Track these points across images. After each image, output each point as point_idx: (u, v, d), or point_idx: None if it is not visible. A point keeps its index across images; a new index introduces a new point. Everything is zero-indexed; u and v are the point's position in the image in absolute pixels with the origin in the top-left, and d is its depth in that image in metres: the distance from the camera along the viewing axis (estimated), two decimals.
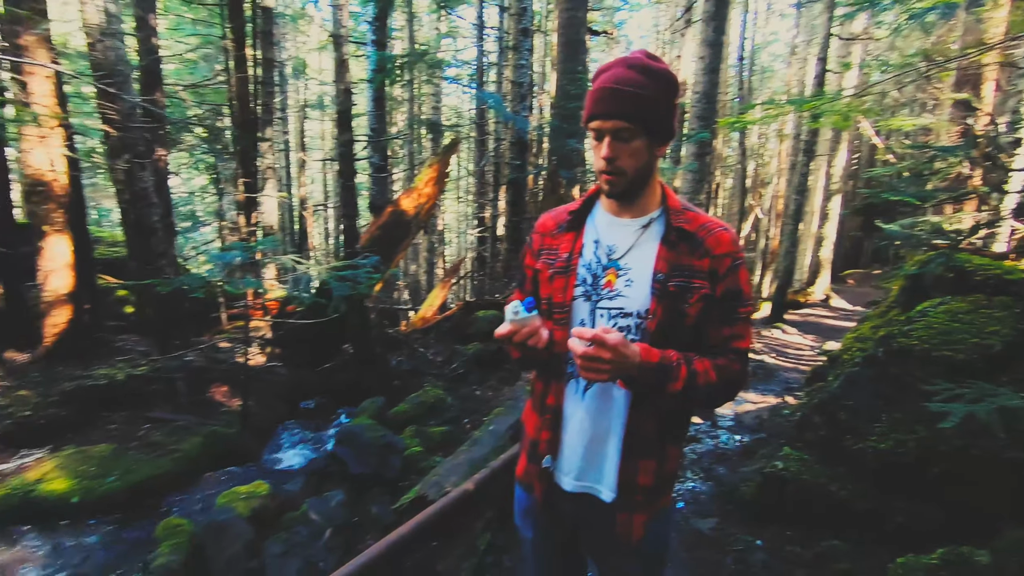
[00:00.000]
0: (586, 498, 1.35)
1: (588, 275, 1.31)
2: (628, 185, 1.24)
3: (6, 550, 3.14)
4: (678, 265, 1.22)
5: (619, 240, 1.30)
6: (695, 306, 1.22)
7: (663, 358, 1.17)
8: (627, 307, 1.26)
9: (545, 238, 1.43)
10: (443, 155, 6.81)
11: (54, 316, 4.64)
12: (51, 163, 4.41)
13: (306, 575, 2.83)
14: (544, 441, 1.38)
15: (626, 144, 1.19)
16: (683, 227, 1.24)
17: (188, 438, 4.13)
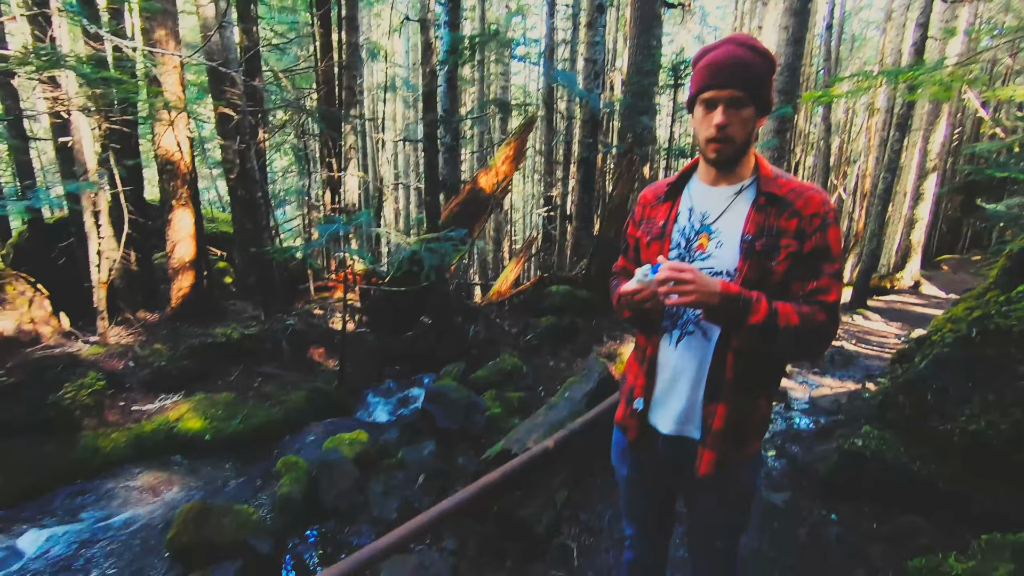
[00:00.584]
0: (678, 439, 1.48)
1: (682, 239, 1.45)
2: (734, 152, 1.34)
3: (158, 473, 3.71)
4: (766, 226, 1.32)
5: (712, 206, 1.42)
6: (782, 263, 1.31)
7: (743, 290, 1.26)
8: (717, 267, 1.38)
9: (646, 209, 1.58)
10: (520, 134, 6.98)
11: (179, 281, 5.26)
12: (178, 145, 4.96)
13: (405, 511, 3.18)
14: (639, 386, 1.55)
15: (738, 112, 1.29)
16: (773, 192, 1.33)
17: (294, 391, 4.63)
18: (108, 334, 5.06)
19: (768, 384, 1.47)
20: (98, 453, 3.71)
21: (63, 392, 3.86)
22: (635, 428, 1.56)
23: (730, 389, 1.39)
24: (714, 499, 1.52)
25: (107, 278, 5.02)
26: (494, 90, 18.54)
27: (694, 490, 1.55)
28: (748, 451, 1.46)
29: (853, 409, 4.84)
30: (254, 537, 2.84)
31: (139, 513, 3.32)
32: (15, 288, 5.13)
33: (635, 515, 1.79)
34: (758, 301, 1.25)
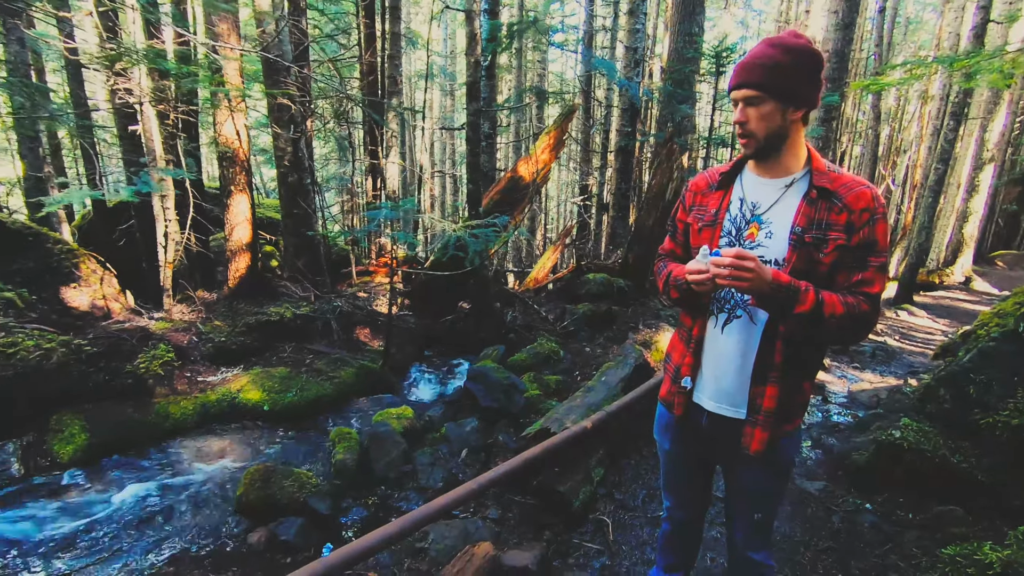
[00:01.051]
0: (722, 417, 1.59)
1: (733, 227, 1.53)
2: (760, 146, 1.42)
3: (223, 439, 4.02)
4: (816, 220, 1.39)
5: (763, 198, 1.49)
6: (830, 255, 1.38)
7: (793, 280, 1.35)
8: (766, 255, 1.45)
9: (697, 196, 1.66)
10: (561, 122, 7.05)
11: (236, 262, 5.58)
12: (237, 133, 5.25)
13: (449, 481, 3.38)
14: (687, 365, 1.65)
15: (755, 108, 1.37)
16: (824, 186, 1.39)
17: (343, 368, 4.89)
18: (172, 311, 5.43)
19: (813, 368, 1.56)
20: (169, 418, 4.04)
21: (138, 362, 4.20)
22: (682, 405, 1.66)
23: (779, 372, 1.47)
24: (759, 472, 1.61)
25: (172, 259, 5.37)
26: (531, 78, 18.53)
27: (737, 464, 1.65)
28: (790, 428, 1.56)
29: (893, 404, 4.81)
30: (313, 498, 3.09)
31: (208, 473, 3.62)
32: (87, 266, 5.53)
33: (674, 487, 1.91)
34: (806, 291, 1.33)
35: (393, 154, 10.04)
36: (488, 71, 8.06)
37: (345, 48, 11.48)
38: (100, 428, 3.73)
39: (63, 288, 5.14)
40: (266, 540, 2.86)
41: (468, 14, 5.46)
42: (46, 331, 4.06)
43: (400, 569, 2.67)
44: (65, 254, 5.30)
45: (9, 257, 4.87)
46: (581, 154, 13.57)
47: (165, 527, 3.11)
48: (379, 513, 3.23)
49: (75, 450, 3.56)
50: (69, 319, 4.88)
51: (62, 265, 5.22)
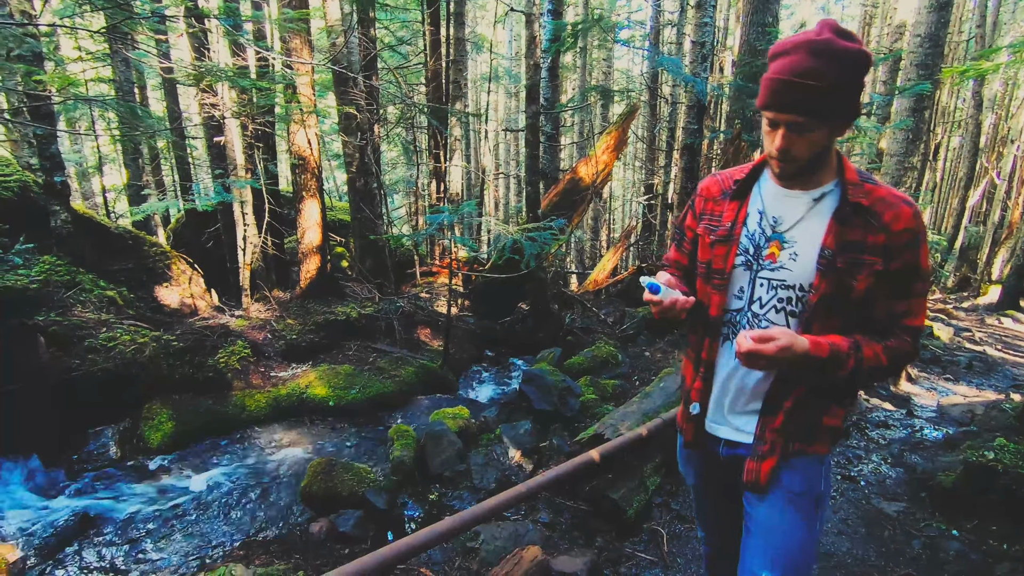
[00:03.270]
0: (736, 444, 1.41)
1: (750, 245, 1.32)
2: (800, 171, 1.23)
3: (292, 431, 4.27)
4: (850, 242, 1.19)
5: (786, 212, 1.28)
6: (864, 281, 1.19)
7: (832, 351, 1.18)
8: (789, 280, 1.26)
9: (708, 203, 1.44)
10: (621, 123, 6.93)
11: (307, 264, 5.90)
12: (308, 143, 5.55)
13: (502, 483, 3.41)
14: (695, 390, 1.46)
15: (801, 136, 1.15)
16: (860, 202, 1.19)
17: (404, 367, 5.06)
18: (250, 310, 5.82)
19: (841, 395, 1.35)
20: (245, 410, 4.34)
21: (219, 357, 4.54)
22: (691, 431, 1.50)
23: (794, 403, 1.31)
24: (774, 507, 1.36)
25: (250, 261, 5.76)
26: (596, 76, 18.33)
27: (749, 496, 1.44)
28: (810, 451, 1.34)
29: (988, 421, 4.39)
30: (372, 492, 3.21)
31: (278, 463, 3.86)
32: (178, 267, 6.03)
33: (704, 519, 1.77)
34: (846, 359, 1.19)
35: (456, 157, 10.25)
36: (551, 71, 8.06)
37: (411, 55, 11.86)
38: (185, 417, 4.06)
39: (157, 287, 5.63)
40: (327, 530, 3.01)
41: (528, 17, 5.49)
42: (141, 327, 4.46)
43: (451, 567, 2.73)
44: (159, 256, 5.81)
45: (112, 259, 5.40)
46: (646, 152, 13.27)
47: (237, 512, 3.35)
48: (433, 510, 3.31)
49: (163, 437, 3.89)
50: (161, 315, 5.35)
51: (157, 266, 5.73)
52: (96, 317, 4.35)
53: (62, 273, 4.48)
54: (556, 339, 5.85)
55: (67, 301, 4.33)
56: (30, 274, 4.16)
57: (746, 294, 1.33)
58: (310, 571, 2.64)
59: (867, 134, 8.36)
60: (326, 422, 4.43)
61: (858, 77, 1.13)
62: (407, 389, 4.87)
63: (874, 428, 4.59)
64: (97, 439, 3.90)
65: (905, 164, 8.01)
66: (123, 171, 10.21)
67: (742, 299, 1.34)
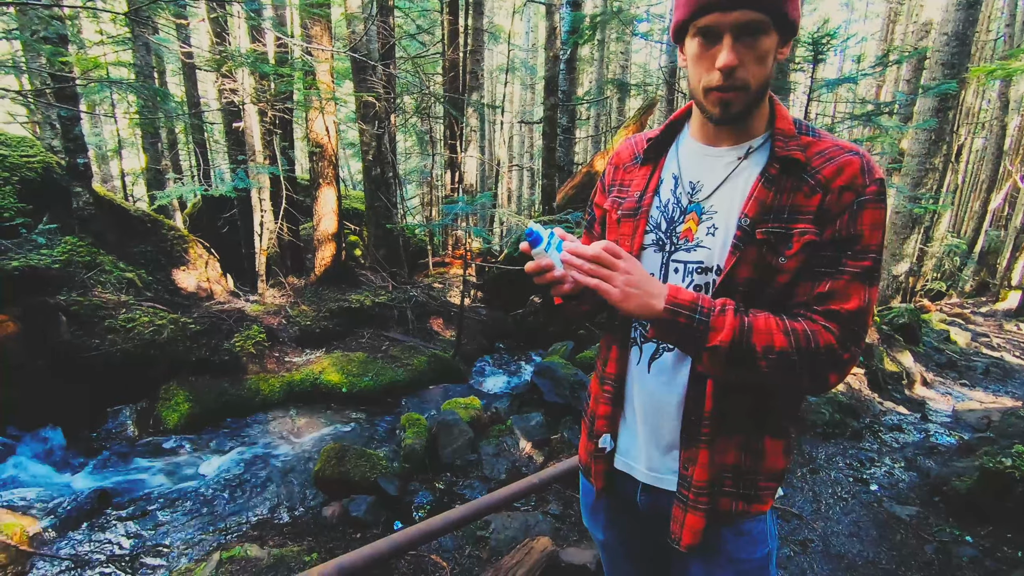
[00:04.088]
0: (657, 490, 1.07)
1: (662, 219, 1.03)
2: (747, 105, 0.92)
3: (305, 416, 4.32)
4: (775, 206, 0.91)
5: (706, 175, 1.00)
6: (794, 259, 0.90)
7: (700, 297, 0.89)
8: (707, 261, 0.97)
9: (618, 171, 1.15)
10: (640, 116, 6.88)
11: (322, 251, 5.93)
12: (326, 130, 5.57)
13: (512, 473, 3.43)
14: (602, 417, 1.13)
15: (754, 44, 0.87)
16: (792, 155, 0.92)
17: (416, 356, 5.09)
18: (265, 295, 5.87)
19: (777, 418, 1.02)
20: (259, 394, 4.39)
21: (235, 341, 4.59)
22: (602, 474, 1.14)
23: (714, 427, 0.98)
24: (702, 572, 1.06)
25: (266, 246, 5.80)
26: (613, 70, 18.17)
27: (683, 561, 1.10)
28: (751, 511, 1.02)
29: (1006, 428, 4.33)
30: (383, 479, 3.24)
31: (291, 447, 3.90)
32: (195, 251, 6.10)
33: None
34: (722, 312, 0.88)
35: (472, 148, 10.23)
36: (568, 64, 8.00)
37: (429, 44, 11.81)
38: (201, 399, 4.12)
39: (174, 270, 5.70)
40: (339, 515, 3.04)
41: (549, 8, 5.45)
42: (159, 309, 4.52)
43: (461, 555, 2.75)
44: (177, 240, 5.87)
45: (132, 241, 5.46)
46: None
47: (252, 493, 3.40)
48: (444, 498, 3.33)
49: (180, 418, 3.96)
50: (179, 298, 5.41)
51: (174, 249, 5.79)
52: (116, 298, 4.41)
53: (83, 254, 4.55)
54: (568, 332, 5.85)
55: (88, 281, 4.40)
56: (53, 254, 4.23)
57: None
58: (323, 553, 2.68)
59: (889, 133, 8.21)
60: (339, 408, 4.47)
61: None
62: (419, 378, 4.91)
63: (887, 431, 4.55)
64: (115, 418, 3.97)
65: (927, 165, 7.88)
66: (142, 155, 10.31)
67: None
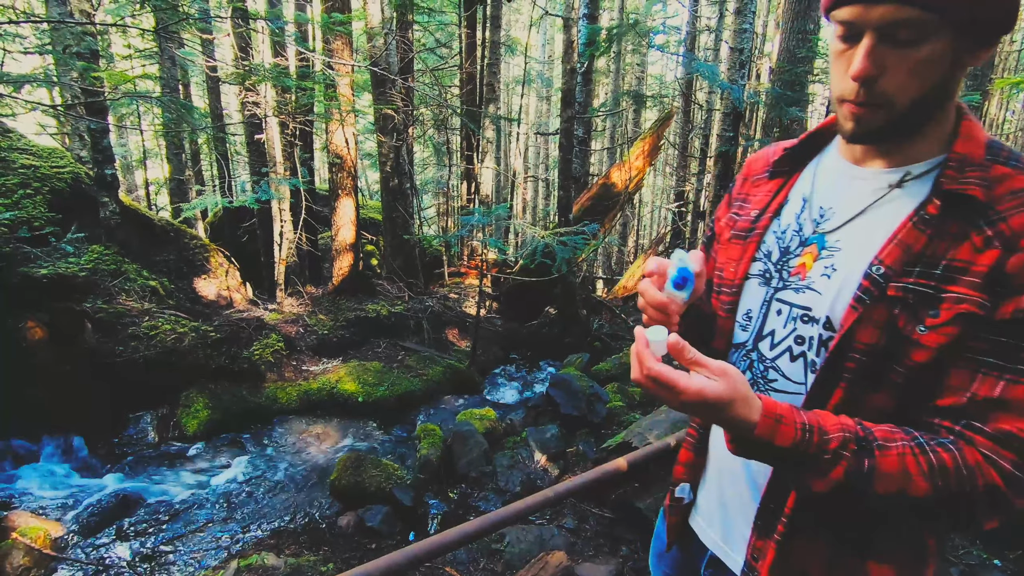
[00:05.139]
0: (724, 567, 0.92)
1: (776, 248, 0.85)
2: (890, 124, 0.70)
3: (321, 425, 4.35)
4: (925, 255, 0.68)
5: (841, 201, 0.79)
6: (939, 333, 0.66)
7: (800, 439, 0.64)
8: (815, 309, 0.77)
9: (745, 183, 0.98)
10: (656, 128, 6.88)
11: (340, 261, 6.00)
12: (346, 142, 5.65)
13: (528, 487, 3.41)
14: (683, 464, 0.99)
15: (907, 50, 0.64)
16: (962, 190, 0.67)
17: (432, 366, 5.11)
18: (283, 304, 5.94)
19: (893, 542, 0.75)
20: (276, 402, 4.44)
21: (253, 349, 4.66)
22: (675, 527, 1.01)
23: (792, 529, 0.77)
24: None
25: (285, 256, 5.89)
26: (629, 81, 18.22)
27: None
28: None
29: None
30: (399, 489, 3.25)
31: (308, 455, 3.93)
32: (216, 260, 6.21)
33: None
34: (835, 459, 0.63)
35: (488, 159, 10.31)
36: (585, 76, 8.05)
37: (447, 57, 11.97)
38: (220, 406, 4.17)
39: (196, 279, 5.81)
40: (354, 524, 3.05)
41: (566, 21, 5.50)
42: (181, 317, 4.61)
43: (475, 567, 2.74)
44: (199, 249, 5.99)
45: (155, 250, 5.58)
46: (678, 159, 13.14)
47: (268, 501, 3.42)
48: (458, 510, 3.33)
49: (199, 424, 4.01)
50: (199, 306, 5.51)
51: (196, 258, 5.90)
52: (139, 306, 4.50)
53: (109, 262, 4.66)
54: (583, 344, 5.83)
55: (113, 289, 4.50)
56: (80, 262, 4.34)
57: (755, 323, 0.84)
58: (339, 563, 2.69)
59: None
60: (355, 417, 4.50)
61: None
62: (434, 388, 4.92)
63: None
64: (137, 423, 4.03)
65: None
66: (165, 165, 10.55)
67: (748, 330, 0.86)
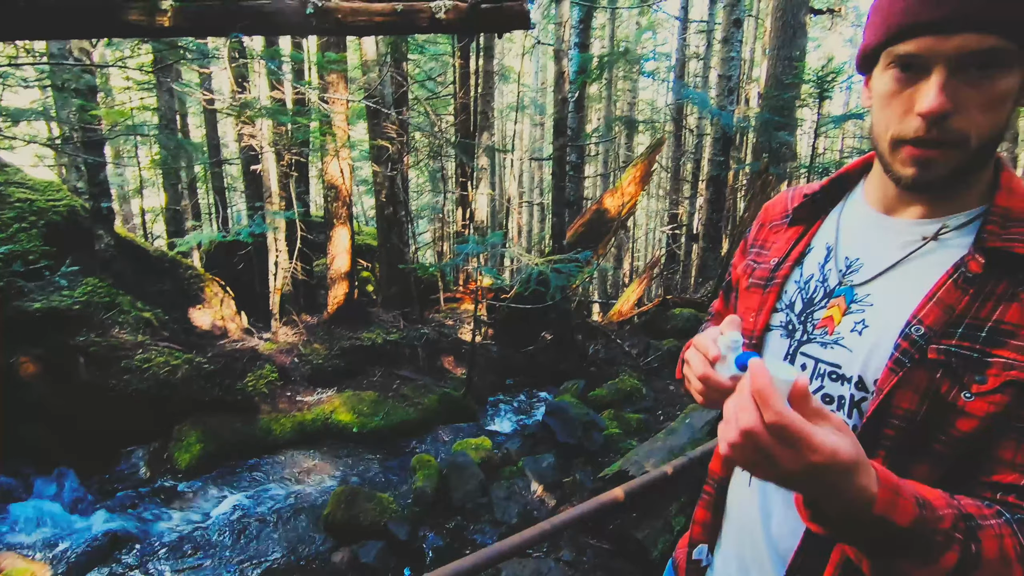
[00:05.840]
0: None
1: (799, 298, 0.81)
2: (957, 170, 0.65)
3: (315, 457, 4.31)
4: (967, 317, 0.64)
5: (870, 253, 0.75)
6: (987, 400, 0.61)
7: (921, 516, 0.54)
8: (845, 368, 0.72)
9: (763, 229, 0.94)
10: (648, 155, 7.00)
11: (335, 289, 6.01)
12: (341, 172, 5.72)
13: (524, 518, 3.37)
14: (699, 523, 0.95)
15: (983, 82, 0.60)
16: (1008, 248, 0.64)
17: (427, 395, 5.09)
18: (278, 333, 5.93)
19: None
20: (271, 434, 4.40)
21: (247, 380, 4.63)
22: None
23: None
24: None
25: (280, 285, 5.90)
26: (620, 107, 18.55)
27: None
28: None
29: None
30: (393, 523, 3.21)
31: (301, 489, 3.88)
32: (211, 289, 6.20)
33: None
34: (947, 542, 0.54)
35: (482, 186, 10.41)
36: (577, 103, 8.20)
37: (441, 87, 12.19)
38: (213, 440, 4.13)
39: (190, 309, 5.80)
40: (348, 561, 3.01)
41: (557, 52, 5.63)
42: (174, 349, 4.59)
43: None
44: (194, 278, 5.99)
45: (151, 281, 5.58)
46: (671, 183, 13.31)
47: (261, 537, 3.37)
48: (454, 544, 3.28)
49: (191, 459, 3.96)
50: (194, 337, 5.49)
51: (191, 288, 5.90)
52: (133, 338, 4.49)
53: (103, 295, 4.65)
54: (579, 370, 5.83)
55: (106, 322, 4.49)
56: (73, 295, 4.33)
57: None
58: None
59: None
60: (350, 448, 4.45)
61: None
62: (430, 417, 4.89)
63: None
64: (128, 459, 3.99)
65: None
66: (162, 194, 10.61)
67: None
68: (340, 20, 2.62)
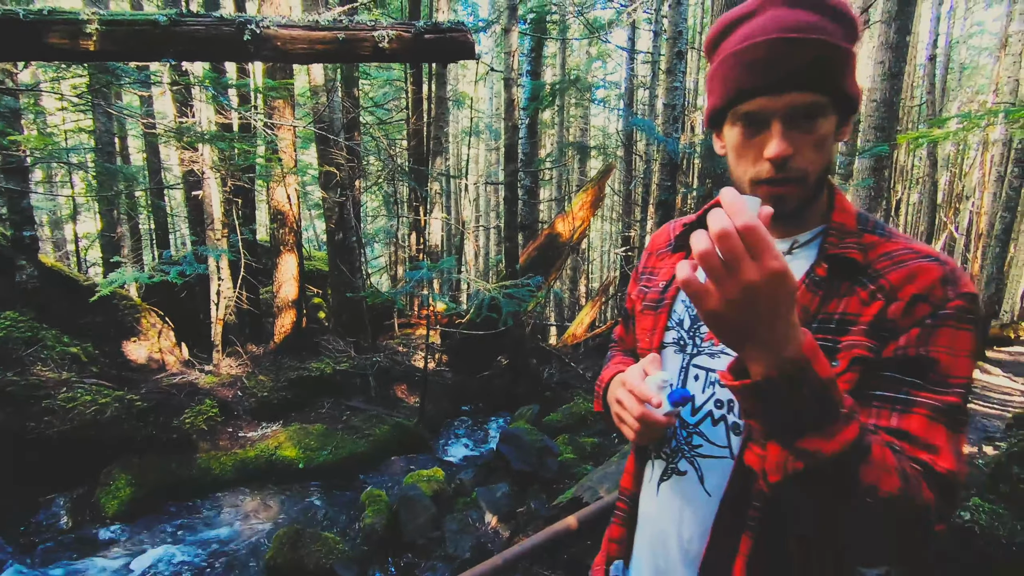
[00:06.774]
0: None
1: (687, 316, 0.89)
2: (804, 198, 0.78)
3: (258, 497, 4.08)
4: (821, 314, 0.75)
5: None
6: (841, 380, 0.70)
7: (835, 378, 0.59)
8: None
9: (651, 257, 1.04)
10: (598, 180, 7.15)
11: (282, 318, 5.81)
12: (287, 198, 5.58)
13: (478, 552, 3.28)
14: (614, 540, 0.98)
15: (810, 129, 0.73)
16: (844, 254, 0.77)
17: (379, 426, 4.94)
18: (221, 365, 5.66)
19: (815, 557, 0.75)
20: (209, 474, 4.15)
21: (184, 417, 4.37)
22: None
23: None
24: None
25: (223, 315, 5.66)
26: (573, 132, 19.02)
27: None
28: None
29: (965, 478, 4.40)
30: (340, 564, 3.06)
31: (242, 532, 3.66)
32: (148, 320, 5.89)
33: None
34: (848, 417, 0.59)
35: (436, 210, 10.39)
36: (530, 128, 8.34)
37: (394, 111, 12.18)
38: (145, 483, 3.86)
39: (125, 342, 5.47)
40: None
41: (507, 81, 5.72)
42: (103, 386, 4.30)
43: None
44: (129, 309, 5.67)
45: (81, 313, 5.25)
46: (623, 206, 13.64)
47: None
48: None
49: (119, 504, 3.69)
50: (127, 372, 5.17)
51: (125, 320, 5.58)
52: (56, 376, 4.18)
53: (24, 329, 4.34)
54: (534, 394, 5.80)
55: (27, 359, 4.17)
56: None
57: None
58: None
59: None
60: (295, 486, 4.25)
61: (854, 40, 0.75)
62: (381, 449, 4.73)
63: None
64: (48, 508, 3.67)
65: None
66: (98, 219, 10.08)
67: None
68: (279, 48, 2.57)
